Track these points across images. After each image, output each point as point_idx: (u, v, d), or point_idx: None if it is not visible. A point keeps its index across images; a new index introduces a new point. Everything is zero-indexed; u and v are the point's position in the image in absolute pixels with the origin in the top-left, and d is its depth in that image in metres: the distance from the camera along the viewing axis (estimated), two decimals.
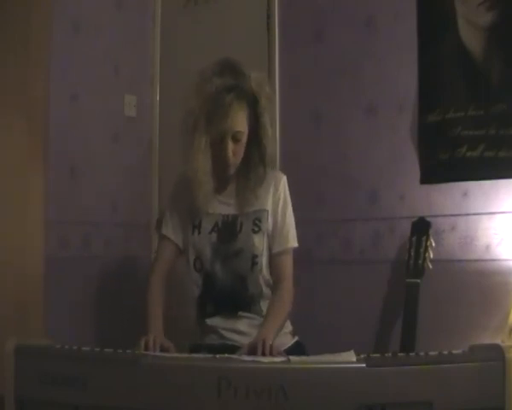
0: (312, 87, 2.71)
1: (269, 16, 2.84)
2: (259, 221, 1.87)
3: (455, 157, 2.32)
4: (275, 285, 1.89)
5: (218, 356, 1.37)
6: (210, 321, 1.90)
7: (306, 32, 2.74)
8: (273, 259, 1.90)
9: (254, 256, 1.86)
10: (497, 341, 1.98)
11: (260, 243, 1.87)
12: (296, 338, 1.95)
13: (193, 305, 1.95)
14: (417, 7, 2.45)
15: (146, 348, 1.59)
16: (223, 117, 1.77)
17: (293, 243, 1.93)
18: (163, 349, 1.63)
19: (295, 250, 1.94)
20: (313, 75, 2.71)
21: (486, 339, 2.07)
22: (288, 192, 1.94)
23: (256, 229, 1.87)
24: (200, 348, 1.83)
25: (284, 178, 1.94)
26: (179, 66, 3.06)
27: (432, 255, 2.22)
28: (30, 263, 2.49)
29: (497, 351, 1.27)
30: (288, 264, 1.91)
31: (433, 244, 2.23)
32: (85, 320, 2.70)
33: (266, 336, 1.62)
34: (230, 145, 1.81)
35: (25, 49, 2.53)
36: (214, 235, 1.89)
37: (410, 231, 2.28)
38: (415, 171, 2.43)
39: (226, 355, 1.40)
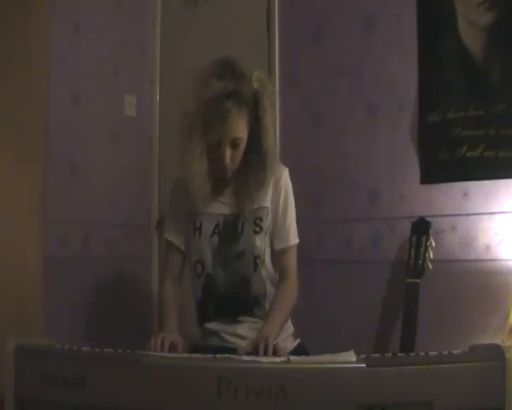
0: (312, 87, 2.71)
1: (269, 16, 2.85)
2: (260, 220, 1.84)
3: (455, 157, 2.33)
4: (278, 282, 1.87)
5: (218, 356, 1.37)
6: (210, 325, 1.88)
7: (306, 32, 2.74)
8: (275, 256, 1.88)
9: (256, 257, 1.83)
10: (497, 341, 1.98)
11: (262, 243, 1.84)
12: (298, 340, 1.93)
13: (195, 307, 1.93)
14: (417, 7, 2.45)
15: (155, 349, 1.58)
16: (221, 123, 1.69)
17: (295, 239, 1.88)
18: (172, 347, 1.61)
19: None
20: (313, 75, 2.72)
21: (486, 339, 2.07)
22: (289, 185, 1.88)
23: (257, 229, 1.83)
24: (200, 350, 1.78)
25: (286, 172, 1.88)
26: (179, 66, 3.06)
27: (432, 255, 2.22)
28: (30, 263, 2.49)
29: (497, 351, 1.27)
30: (291, 261, 1.88)
31: (433, 244, 2.23)
32: (85, 320, 2.70)
33: (269, 334, 1.59)
34: (228, 151, 1.74)
35: (25, 49, 2.53)
36: (215, 238, 1.85)
37: (410, 231, 2.28)
38: (415, 171, 2.44)
39: (226, 355, 1.39)
